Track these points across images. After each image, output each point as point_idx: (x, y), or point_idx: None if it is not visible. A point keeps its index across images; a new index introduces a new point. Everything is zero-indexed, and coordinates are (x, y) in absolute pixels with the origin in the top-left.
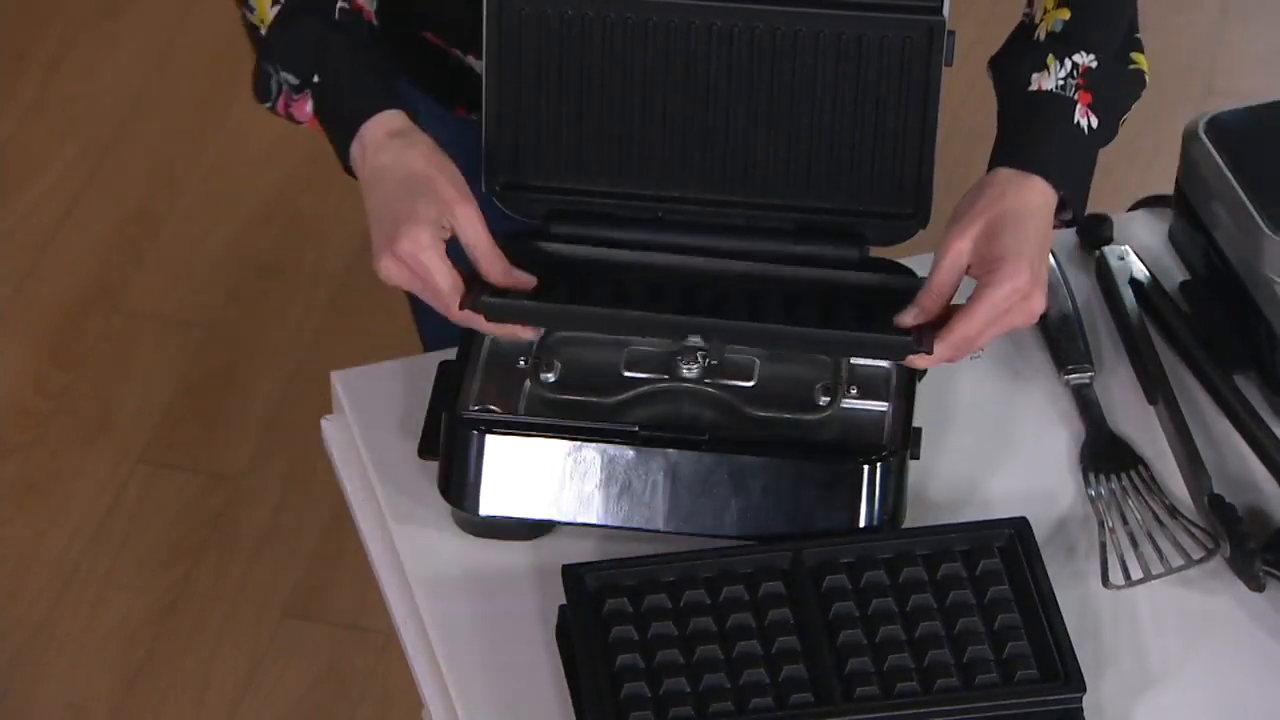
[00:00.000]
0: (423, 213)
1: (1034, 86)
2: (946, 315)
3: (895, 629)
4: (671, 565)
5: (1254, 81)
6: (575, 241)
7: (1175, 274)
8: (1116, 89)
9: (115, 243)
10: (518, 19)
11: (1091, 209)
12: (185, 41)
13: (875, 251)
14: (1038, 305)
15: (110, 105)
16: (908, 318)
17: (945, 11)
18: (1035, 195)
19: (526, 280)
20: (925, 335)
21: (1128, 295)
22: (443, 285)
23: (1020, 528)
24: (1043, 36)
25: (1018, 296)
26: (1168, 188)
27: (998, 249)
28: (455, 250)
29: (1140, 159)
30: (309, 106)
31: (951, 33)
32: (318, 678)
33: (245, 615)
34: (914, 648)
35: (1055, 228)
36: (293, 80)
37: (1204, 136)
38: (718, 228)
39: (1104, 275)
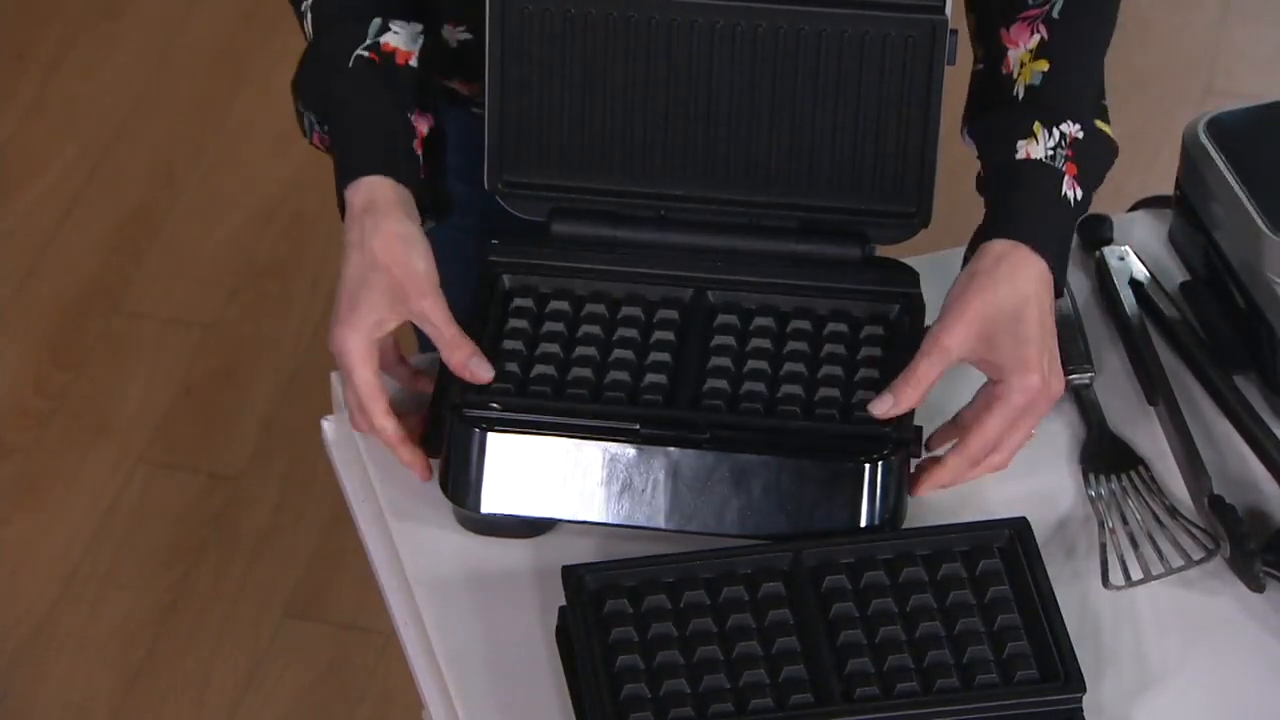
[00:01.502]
0: (362, 317)
1: (1021, 155)
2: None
3: (895, 629)
4: (671, 566)
5: (1254, 81)
6: (575, 241)
7: (1175, 274)
8: (1097, 159)
9: (115, 243)
10: (521, 17)
11: (1091, 210)
12: (185, 41)
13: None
14: (1056, 390)
15: (110, 105)
16: (882, 406)
17: (948, 10)
18: (1030, 274)
19: (484, 375)
20: (907, 433)
21: (1128, 295)
22: (358, 387)
23: (1020, 528)
24: (1021, 92)
25: (1033, 398)
26: (1168, 188)
27: (1002, 358)
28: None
29: (1140, 159)
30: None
31: (954, 32)
32: (318, 678)
33: (245, 615)
34: (914, 648)
35: None
36: (314, 118)
37: (1204, 136)
38: (719, 226)
39: (1104, 275)
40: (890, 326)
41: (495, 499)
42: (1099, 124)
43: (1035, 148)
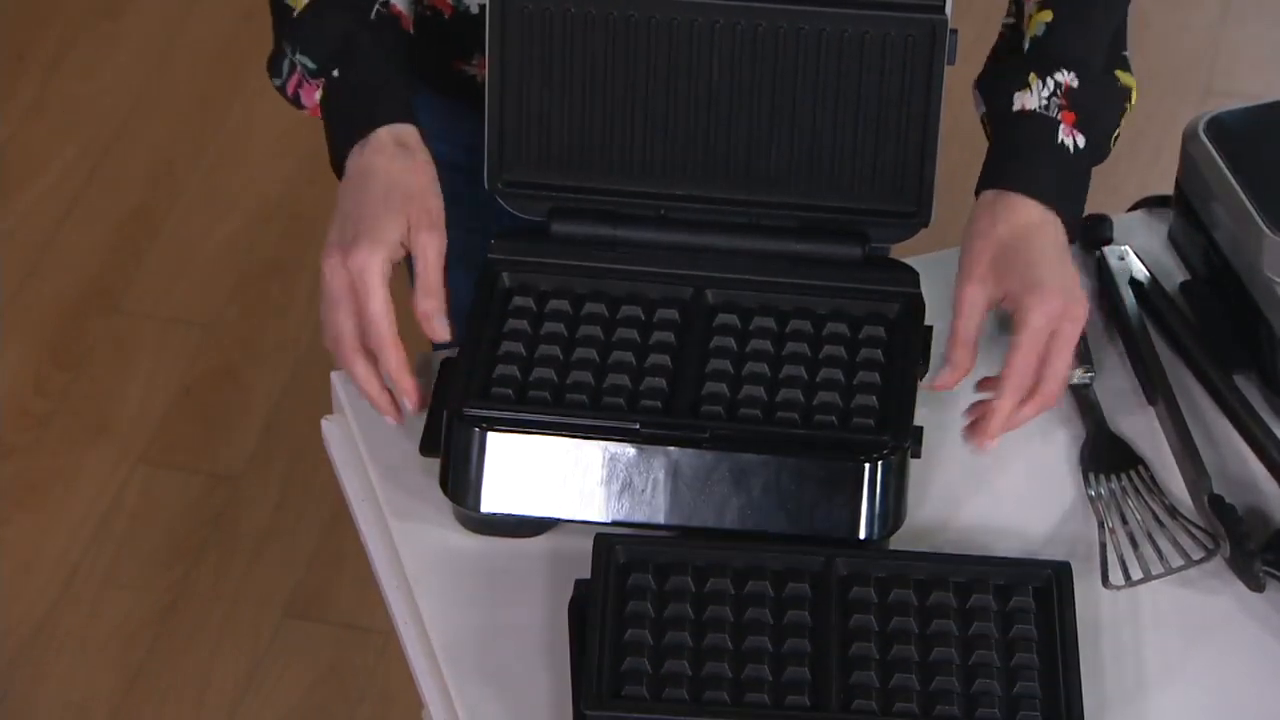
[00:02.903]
0: (386, 233)
1: (1017, 106)
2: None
3: (909, 649)
4: (704, 551)
5: (1254, 81)
6: (575, 241)
7: (1175, 274)
8: (1100, 106)
9: (115, 243)
10: (521, 16)
11: (1091, 209)
12: (185, 41)
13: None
14: (1080, 312)
15: (110, 105)
16: (945, 378)
17: (948, 10)
18: (1025, 212)
19: (440, 333)
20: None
21: (1128, 295)
22: (375, 310)
23: (1061, 572)
24: (1027, 45)
25: (1055, 319)
26: (1168, 188)
27: (1015, 284)
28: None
29: (1140, 159)
30: (317, 94)
31: (954, 31)
32: (318, 678)
33: (245, 615)
34: (922, 671)
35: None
36: (310, 65)
37: (1204, 136)
38: (719, 225)
39: (1104, 275)
40: (890, 326)
41: (495, 498)
42: (1119, 73)
43: (1030, 98)
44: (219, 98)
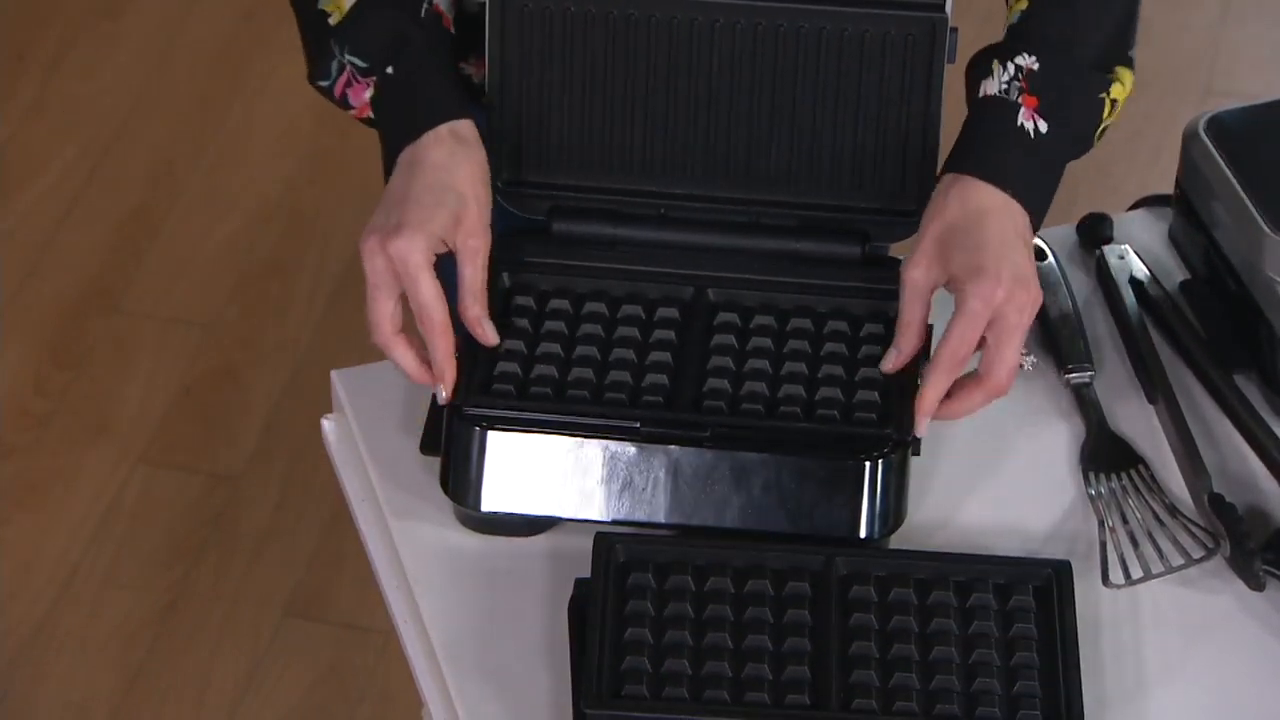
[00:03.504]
0: (434, 224)
1: (981, 93)
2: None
3: (909, 649)
4: (703, 550)
5: (1254, 81)
6: (576, 240)
7: (1175, 274)
8: (1067, 92)
9: (115, 243)
10: (521, 16)
11: (1091, 209)
12: (185, 41)
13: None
14: (1026, 299)
15: (110, 105)
16: (889, 363)
17: (948, 9)
18: (980, 196)
19: (490, 336)
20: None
21: (1128, 295)
22: (426, 296)
23: (1061, 570)
24: (1004, 34)
25: (995, 302)
26: (1168, 188)
27: (957, 265)
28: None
29: (1140, 159)
30: (367, 93)
31: (954, 30)
32: (318, 678)
33: (245, 615)
34: (923, 670)
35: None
36: (360, 64)
37: (1204, 136)
38: (720, 224)
39: (1104, 275)
40: (891, 324)
41: (495, 498)
42: (1120, 69)
43: (991, 83)
44: (219, 98)
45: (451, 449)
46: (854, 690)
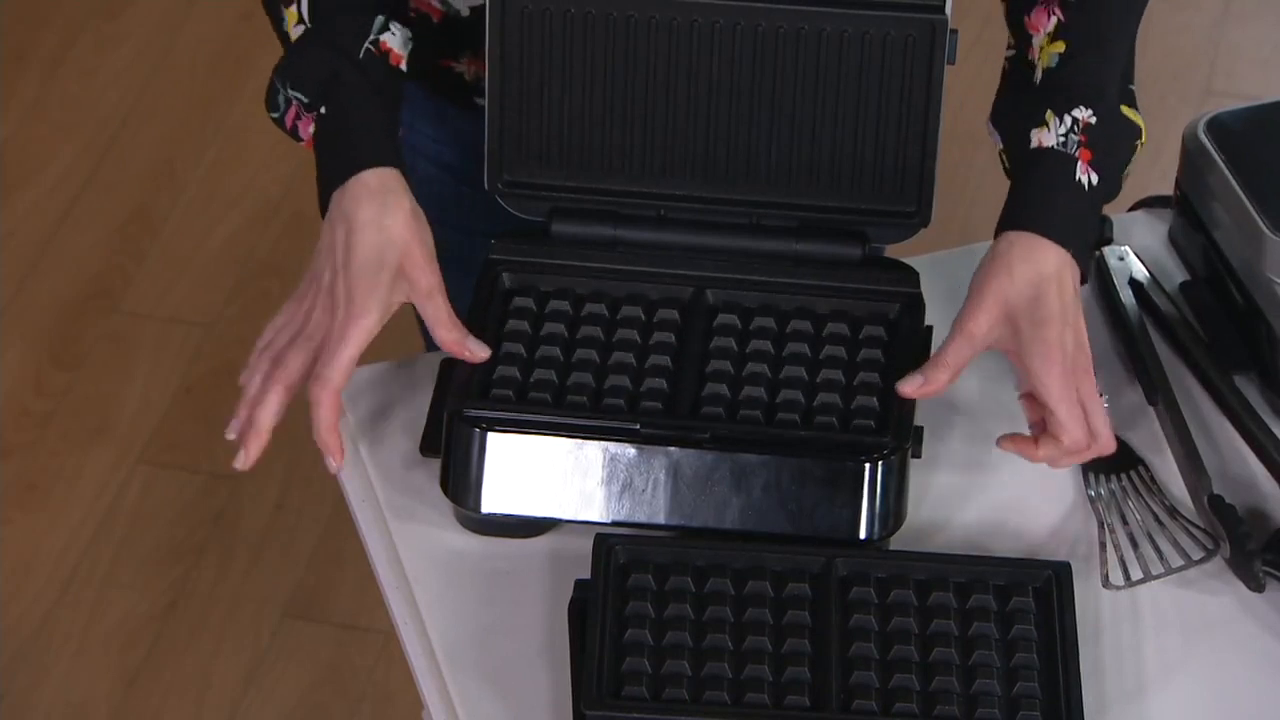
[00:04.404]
0: (382, 296)
1: (1034, 143)
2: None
3: (909, 650)
4: (703, 551)
5: (1254, 81)
6: (575, 241)
7: (1175, 274)
8: (1115, 143)
9: (115, 243)
10: (521, 16)
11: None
12: (185, 41)
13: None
14: (1086, 363)
15: (110, 105)
16: (911, 385)
17: (948, 10)
18: (1045, 256)
19: (480, 354)
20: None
21: (1128, 295)
22: (343, 360)
23: (1061, 572)
24: (1039, 77)
25: (1070, 377)
26: (1168, 188)
27: (1021, 341)
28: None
29: (1140, 159)
30: (312, 129)
31: (954, 31)
32: (318, 678)
33: (245, 615)
34: (923, 671)
35: None
36: (303, 99)
37: (1204, 136)
38: (719, 226)
39: (1104, 275)
40: (890, 326)
41: (495, 499)
42: (1125, 109)
43: (1047, 135)
44: (219, 98)
45: (451, 450)
46: (854, 692)
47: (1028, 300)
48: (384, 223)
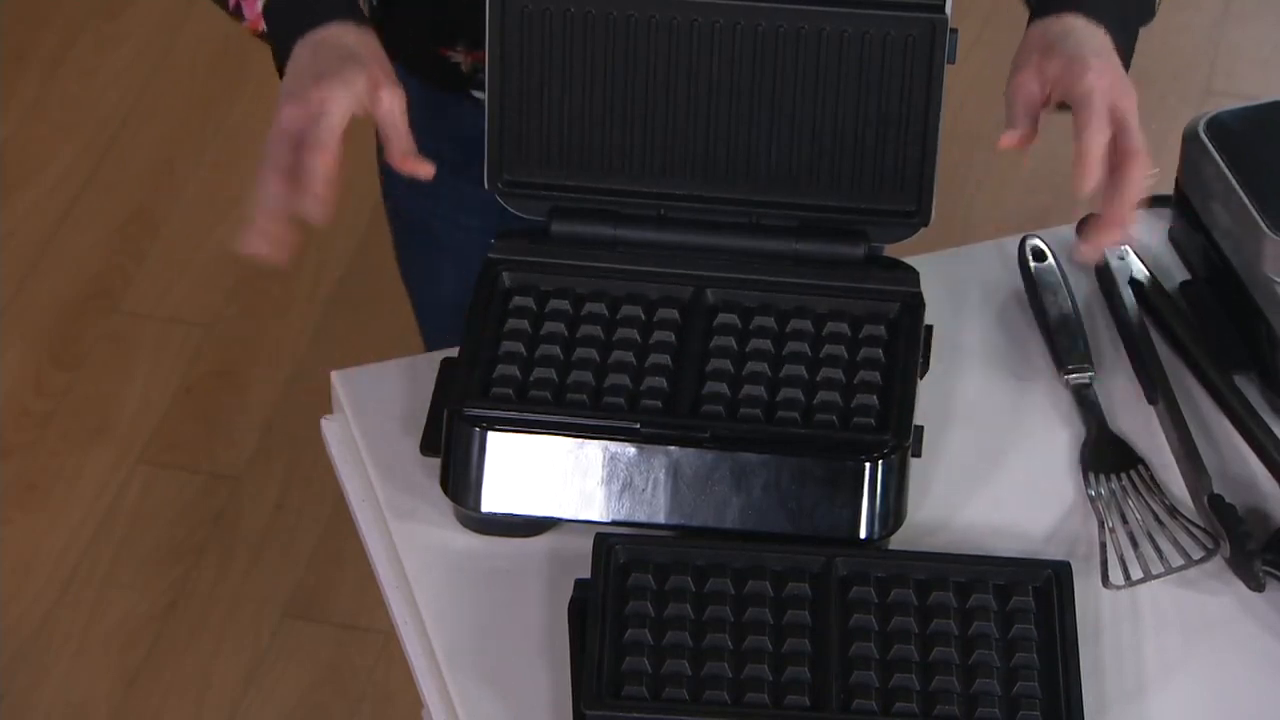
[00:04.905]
0: (353, 80)
1: None
2: None
3: (909, 649)
4: (703, 550)
5: (1254, 81)
6: (575, 240)
7: (1175, 274)
8: None
9: (115, 243)
10: (521, 16)
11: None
12: (185, 41)
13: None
14: (1132, 99)
15: (110, 105)
16: (1009, 139)
17: (948, 10)
18: (1078, 22)
19: (426, 169)
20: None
21: (1128, 295)
22: (329, 125)
23: (1061, 571)
24: None
25: (1108, 92)
26: (1168, 188)
27: (1062, 66)
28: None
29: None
30: (258, 5)
31: (954, 31)
32: (318, 678)
33: (245, 615)
34: (923, 671)
35: None
36: None
37: (1204, 136)
38: (719, 225)
39: (1104, 275)
40: (890, 326)
41: (495, 498)
42: None
43: None
44: (219, 98)
45: (451, 450)
46: (854, 691)
47: (1059, 35)
48: (351, 43)
